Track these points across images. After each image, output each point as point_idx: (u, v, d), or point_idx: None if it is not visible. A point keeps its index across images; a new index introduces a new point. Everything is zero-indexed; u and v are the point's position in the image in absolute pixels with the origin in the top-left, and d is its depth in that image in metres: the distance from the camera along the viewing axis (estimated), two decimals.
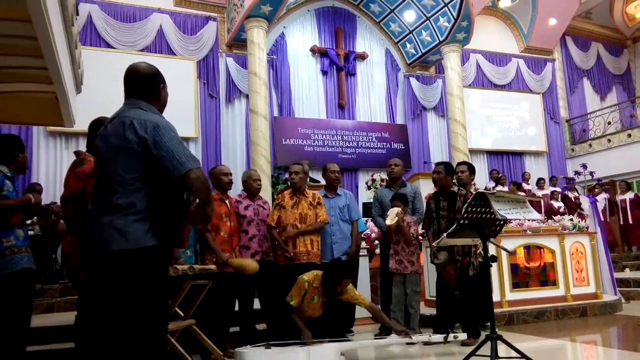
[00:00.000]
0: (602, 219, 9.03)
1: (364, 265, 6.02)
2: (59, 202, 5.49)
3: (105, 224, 2.07)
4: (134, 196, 2.08)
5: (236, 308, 4.53)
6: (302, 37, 11.12)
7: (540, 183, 11.33)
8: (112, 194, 2.09)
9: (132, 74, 2.29)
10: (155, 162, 2.09)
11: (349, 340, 4.41)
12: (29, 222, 6.69)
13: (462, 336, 4.35)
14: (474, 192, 3.99)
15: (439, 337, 4.25)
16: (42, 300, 5.84)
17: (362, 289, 5.78)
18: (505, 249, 4.54)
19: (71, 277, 3.16)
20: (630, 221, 10.57)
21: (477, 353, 3.37)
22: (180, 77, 9.25)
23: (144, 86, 2.27)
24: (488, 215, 3.33)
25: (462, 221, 3.36)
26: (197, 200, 2.11)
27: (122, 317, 2.03)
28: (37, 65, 3.68)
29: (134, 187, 2.09)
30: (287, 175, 4.81)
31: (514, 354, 3.33)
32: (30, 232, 6.53)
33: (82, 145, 8.58)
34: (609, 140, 12.29)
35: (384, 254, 5.24)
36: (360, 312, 5.25)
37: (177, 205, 2.16)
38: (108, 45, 9.23)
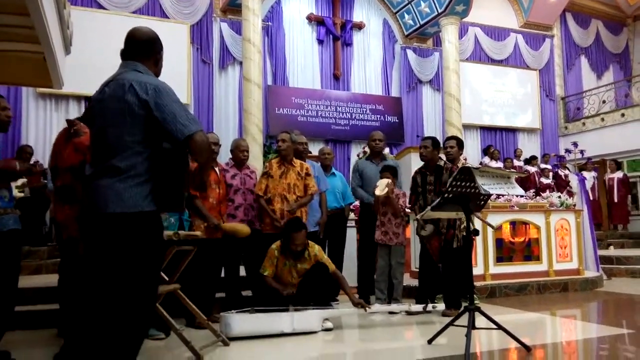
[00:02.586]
0: (591, 198, 9.14)
1: (351, 236, 6.10)
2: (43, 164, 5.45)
3: (103, 186, 2.03)
4: (134, 159, 2.05)
5: (223, 275, 4.60)
6: (299, 4, 10.90)
7: (533, 162, 11.36)
8: (112, 157, 2.05)
9: (135, 35, 2.26)
10: (156, 125, 2.06)
11: (332, 308, 4.49)
12: (19, 183, 6.67)
13: (441, 306, 4.47)
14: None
15: (418, 307, 4.37)
16: (30, 262, 5.90)
17: (349, 259, 5.86)
18: (490, 225, 4.60)
19: (69, 247, 3.16)
20: (616, 200, 10.70)
21: (455, 323, 3.45)
22: (173, 42, 9.08)
23: (145, 48, 2.25)
24: (472, 190, 3.36)
25: (446, 195, 3.38)
26: (197, 164, 2.14)
27: (114, 281, 2.01)
28: (23, 23, 3.61)
29: (134, 150, 2.05)
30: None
31: (493, 325, 3.41)
32: (20, 194, 6.54)
33: (72, 108, 8.55)
34: (603, 119, 12.28)
35: (363, 226, 5.30)
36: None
37: (179, 169, 2.13)
38: (100, 6, 9.04)
